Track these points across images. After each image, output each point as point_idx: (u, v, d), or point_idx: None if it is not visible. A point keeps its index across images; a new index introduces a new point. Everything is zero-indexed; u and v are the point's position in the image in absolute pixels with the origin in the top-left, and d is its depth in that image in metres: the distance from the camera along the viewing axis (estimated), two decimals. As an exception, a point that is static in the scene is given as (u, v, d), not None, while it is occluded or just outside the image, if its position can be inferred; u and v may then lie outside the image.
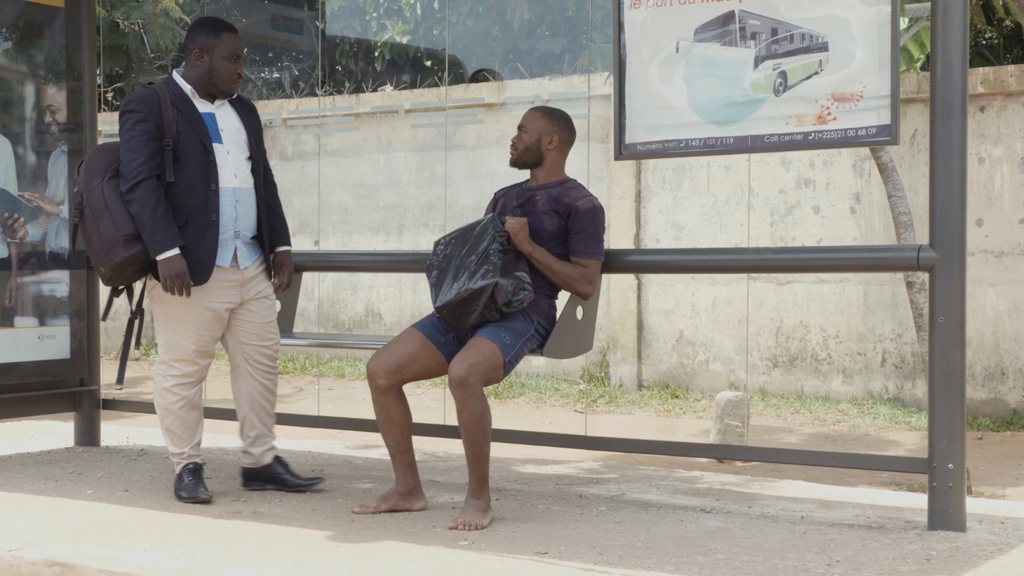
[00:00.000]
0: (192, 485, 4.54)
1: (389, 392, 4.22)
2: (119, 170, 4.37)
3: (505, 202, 4.50)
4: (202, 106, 4.50)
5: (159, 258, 4.33)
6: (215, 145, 4.46)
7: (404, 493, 4.32)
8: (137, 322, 4.69)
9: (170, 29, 12.67)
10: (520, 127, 4.53)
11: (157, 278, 4.40)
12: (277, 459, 4.71)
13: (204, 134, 4.44)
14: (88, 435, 5.94)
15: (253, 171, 4.57)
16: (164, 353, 4.56)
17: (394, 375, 4.20)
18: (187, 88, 4.50)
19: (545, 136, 4.48)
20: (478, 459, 4.08)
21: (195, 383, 4.58)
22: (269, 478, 4.68)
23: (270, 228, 4.64)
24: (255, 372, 4.65)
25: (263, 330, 4.62)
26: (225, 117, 4.54)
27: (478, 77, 13.16)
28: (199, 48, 4.48)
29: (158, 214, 4.31)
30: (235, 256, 4.50)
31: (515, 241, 4.26)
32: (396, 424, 4.26)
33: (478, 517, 4.06)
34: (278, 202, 4.74)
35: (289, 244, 4.73)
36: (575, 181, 4.49)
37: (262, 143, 4.68)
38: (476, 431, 4.05)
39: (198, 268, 4.40)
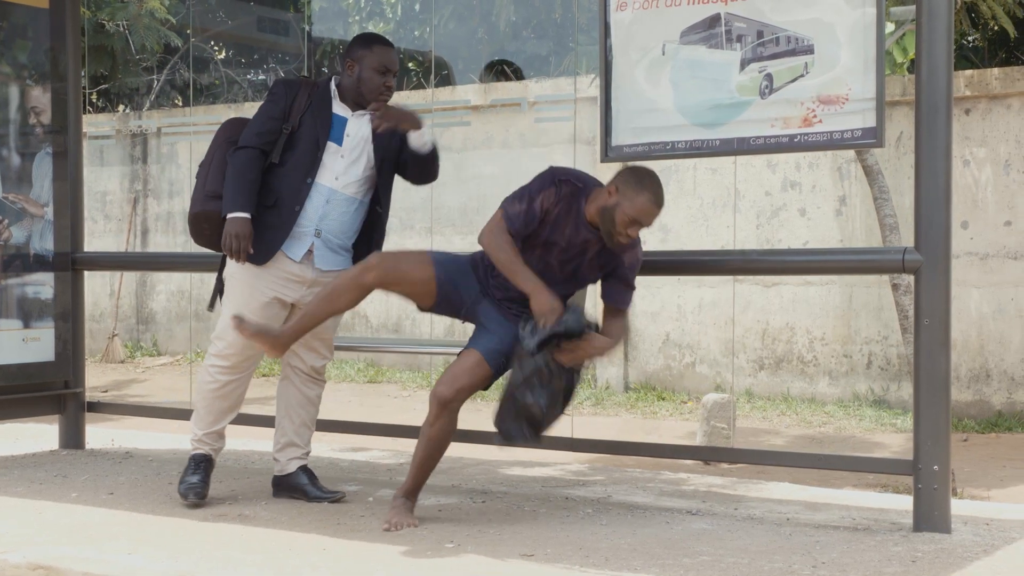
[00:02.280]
0: (188, 483, 4.52)
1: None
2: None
3: (576, 250, 4.28)
4: (339, 109, 4.51)
5: (227, 217, 4.35)
6: (331, 144, 4.46)
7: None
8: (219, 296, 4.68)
9: (155, 30, 12.64)
10: (634, 221, 4.16)
11: None
12: (303, 469, 4.65)
13: (323, 131, 4.45)
14: (73, 438, 5.91)
15: (369, 184, 4.53)
16: (216, 330, 4.54)
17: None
18: (333, 89, 4.54)
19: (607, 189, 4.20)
20: (426, 468, 4.16)
21: (230, 370, 4.50)
22: (293, 487, 4.64)
23: (370, 247, 4.59)
24: (296, 379, 4.63)
25: (313, 341, 4.56)
26: (358, 126, 4.51)
27: (463, 79, 13.16)
28: (351, 58, 4.52)
29: (242, 180, 4.37)
30: (309, 254, 4.46)
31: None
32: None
33: (411, 517, 4.14)
34: (381, 232, 4.68)
35: None
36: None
37: (398, 166, 4.60)
38: (436, 446, 4.10)
39: (265, 248, 4.39)
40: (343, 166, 4.48)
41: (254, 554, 3.76)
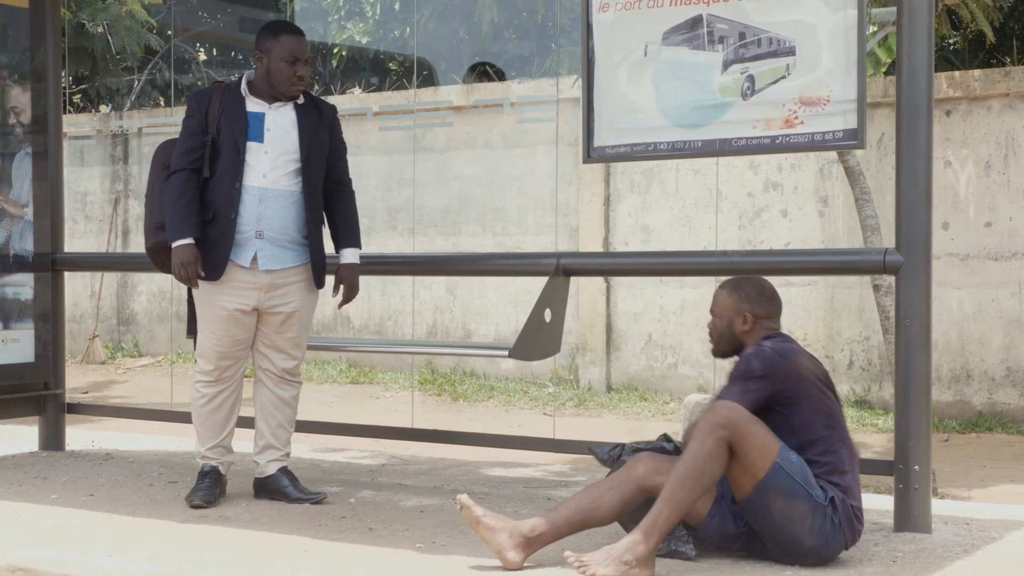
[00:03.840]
0: (194, 489, 4.56)
1: None
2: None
3: None
4: (253, 106, 4.48)
5: (172, 246, 4.39)
6: (252, 144, 4.43)
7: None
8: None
9: (136, 31, 12.60)
10: (711, 311, 3.91)
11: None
12: (283, 471, 4.64)
13: (240, 133, 4.43)
14: (53, 439, 5.88)
15: (302, 173, 4.48)
16: (197, 350, 4.60)
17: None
18: (243, 87, 4.51)
19: (736, 318, 3.83)
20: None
21: (215, 383, 4.55)
22: (274, 489, 4.62)
23: (336, 233, 4.60)
24: (269, 381, 4.61)
25: (281, 342, 4.55)
26: (277, 118, 4.49)
27: (445, 80, 13.15)
28: (259, 50, 4.50)
29: (179, 205, 4.40)
30: (255, 258, 4.45)
31: None
32: None
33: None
34: (348, 209, 4.64)
35: (353, 253, 4.62)
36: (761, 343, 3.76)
37: (333, 149, 4.59)
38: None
39: (214, 263, 4.41)
40: (269, 162, 4.45)
41: (235, 555, 3.75)
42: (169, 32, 13.78)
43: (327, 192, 4.60)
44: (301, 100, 4.54)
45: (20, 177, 5.66)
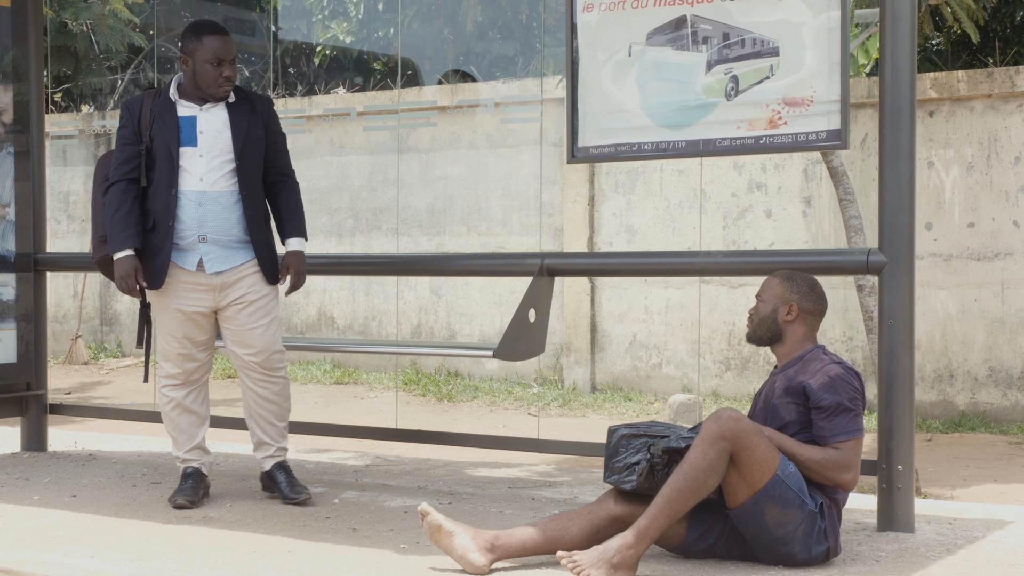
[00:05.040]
0: (177, 489, 4.55)
1: None
2: None
3: (767, 391, 3.82)
4: (184, 110, 4.47)
5: (113, 259, 4.41)
6: (187, 149, 4.42)
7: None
8: (147, 327, 4.69)
9: (119, 30, 12.54)
10: (757, 295, 3.89)
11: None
12: (278, 466, 4.62)
13: (172, 138, 4.42)
14: (35, 440, 5.86)
15: (238, 173, 4.45)
16: (158, 354, 4.62)
17: None
18: (173, 92, 4.49)
19: (783, 306, 3.82)
20: None
21: (181, 386, 4.57)
22: (271, 485, 4.64)
23: (281, 224, 4.57)
24: (248, 378, 4.59)
25: (246, 336, 4.51)
26: (209, 120, 4.47)
27: (430, 80, 13.15)
28: (184, 52, 4.48)
29: (117, 216, 4.40)
30: (201, 262, 4.44)
31: None
32: None
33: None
34: (292, 200, 4.60)
35: (298, 242, 4.58)
36: (818, 350, 3.80)
37: (271, 142, 4.56)
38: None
39: (155, 271, 4.43)
40: (204, 166, 4.44)
41: (218, 556, 3.74)
42: (152, 31, 13.73)
43: (269, 185, 4.59)
44: (232, 98, 4.52)
45: (2, 177, 5.63)
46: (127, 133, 4.47)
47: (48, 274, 5.90)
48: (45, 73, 6.35)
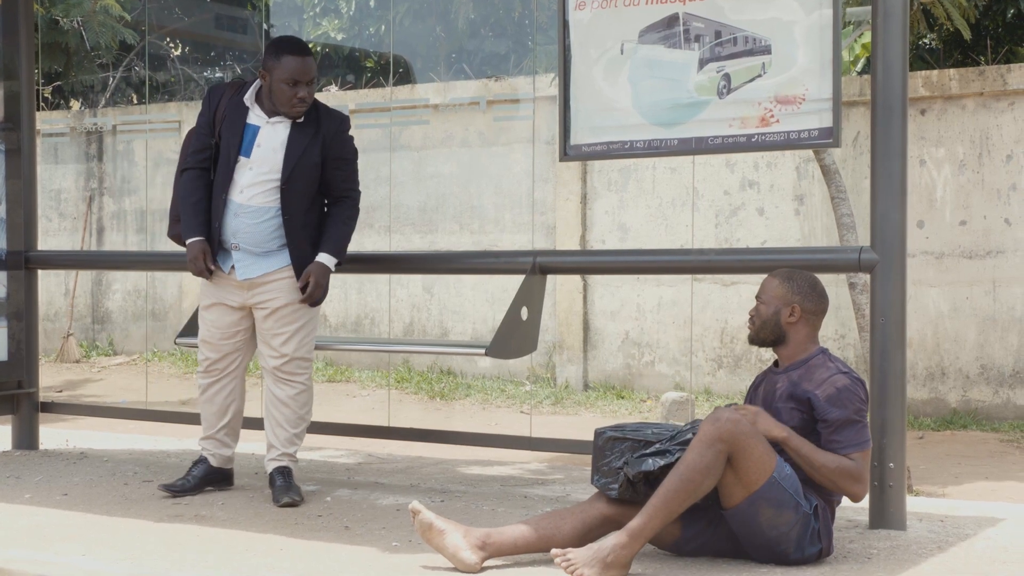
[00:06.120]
0: (181, 477, 4.67)
1: None
2: None
3: (766, 388, 3.78)
4: (253, 118, 4.49)
5: (186, 243, 4.55)
6: (242, 158, 4.48)
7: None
8: None
9: (110, 27, 12.52)
10: (757, 296, 3.82)
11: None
12: (278, 471, 4.59)
13: (234, 146, 4.47)
14: (26, 438, 5.84)
15: (281, 192, 4.45)
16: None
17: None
18: (249, 96, 4.52)
19: (784, 308, 3.75)
20: None
21: (205, 373, 4.65)
22: (270, 486, 4.65)
23: (321, 239, 4.56)
24: (267, 378, 4.64)
25: (270, 340, 4.55)
26: (270, 135, 4.48)
27: (422, 77, 13.14)
28: (263, 67, 4.50)
29: (187, 203, 4.55)
30: (233, 268, 4.52)
31: (762, 430, 3.52)
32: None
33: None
34: (338, 220, 4.58)
35: (327, 257, 4.55)
36: (823, 355, 3.72)
37: (332, 167, 4.52)
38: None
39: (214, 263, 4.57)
40: (248, 178, 4.48)
41: (210, 555, 3.73)
42: (144, 28, 13.71)
43: (330, 204, 4.63)
44: (302, 119, 4.50)
45: (-7, 174, 5.61)
46: (204, 122, 4.57)
47: (39, 272, 5.89)
48: (36, 70, 6.33)
